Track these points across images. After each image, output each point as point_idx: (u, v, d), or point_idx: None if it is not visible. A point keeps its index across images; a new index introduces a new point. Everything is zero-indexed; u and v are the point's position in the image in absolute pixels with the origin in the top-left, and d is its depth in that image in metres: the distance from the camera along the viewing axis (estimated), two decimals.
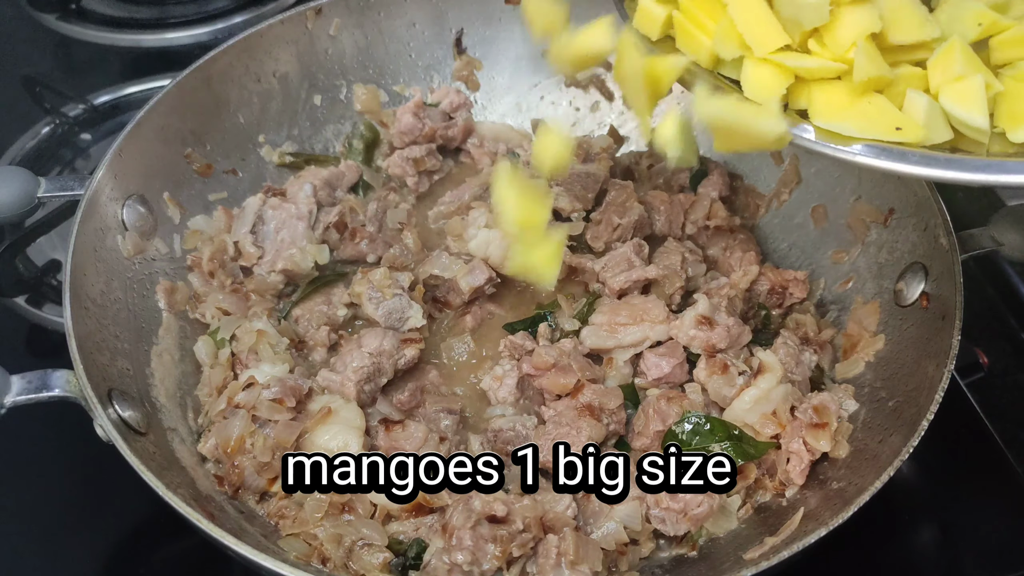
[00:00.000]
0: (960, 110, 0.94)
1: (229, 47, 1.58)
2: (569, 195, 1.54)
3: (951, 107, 0.95)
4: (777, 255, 1.65)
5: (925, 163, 0.94)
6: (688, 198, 1.64)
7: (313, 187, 1.57)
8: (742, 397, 1.30)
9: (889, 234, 1.46)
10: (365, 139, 1.75)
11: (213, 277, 1.49)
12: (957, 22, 0.99)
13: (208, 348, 1.42)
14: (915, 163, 0.94)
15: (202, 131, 1.58)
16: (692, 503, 1.21)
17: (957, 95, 0.94)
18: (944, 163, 0.94)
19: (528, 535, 1.14)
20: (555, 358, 1.31)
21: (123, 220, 1.42)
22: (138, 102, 1.90)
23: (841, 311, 1.51)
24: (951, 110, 0.95)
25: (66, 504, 1.40)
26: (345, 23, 1.70)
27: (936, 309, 1.30)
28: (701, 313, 1.35)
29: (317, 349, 1.45)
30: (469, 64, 1.82)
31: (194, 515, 1.07)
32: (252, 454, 1.25)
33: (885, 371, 1.35)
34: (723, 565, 1.18)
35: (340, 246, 1.56)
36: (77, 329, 1.23)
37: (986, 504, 1.39)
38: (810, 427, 1.27)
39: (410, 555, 1.21)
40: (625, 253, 1.44)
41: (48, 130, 1.93)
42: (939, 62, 0.96)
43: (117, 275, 1.39)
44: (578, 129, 1.84)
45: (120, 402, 1.22)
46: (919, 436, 1.14)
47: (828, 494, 1.23)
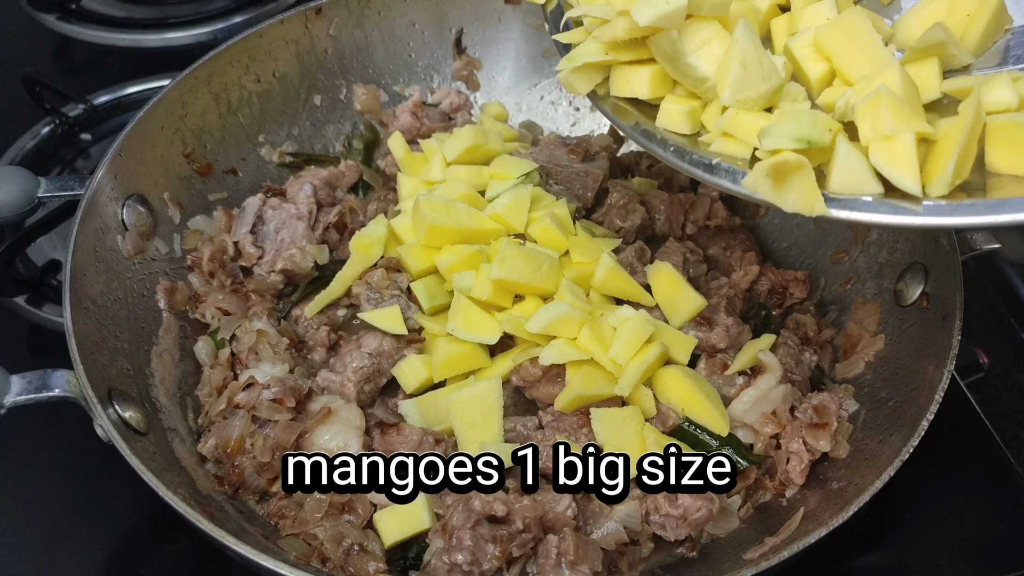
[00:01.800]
0: (891, 171, 0.90)
1: (229, 47, 1.58)
2: (569, 194, 1.54)
3: (881, 167, 0.90)
4: (777, 255, 1.65)
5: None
6: (688, 198, 1.64)
7: (313, 187, 1.57)
8: (742, 397, 1.30)
9: (889, 234, 1.46)
10: (365, 139, 1.75)
11: (213, 277, 1.49)
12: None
13: (208, 348, 1.42)
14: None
15: (202, 131, 1.58)
16: (691, 508, 1.20)
17: (887, 155, 0.90)
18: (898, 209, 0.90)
19: (528, 535, 1.14)
20: (544, 368, 1.31)
21: (123, 220, 1.42)
22: (138, 102, 1.91)
23: (841, 311, 1.51)
24: (881, 170, 0.91)
25: (66, 504, 1.40)
26: (345, 23, 1.70)
27: (936, 309, 1.30)
28: None
29: (317, 349, 1.45)
30: (469, 64, 1.82)
31: (194, 515, 1.07)
32: (252, 454, 1.25)
33: (885, 371, 1.35)
34: (723, 565, 1.18)
35: (340, 246, 1.56)
36: (77, 329, 1.23)
37: (986, 504, 1.39)
38: (810, 427, 1.27)
39: (410, 555, 1.21)
40: (627, 258, 1.44)
41: (48, 130, 1.93)
42: (867, 114, 0.91)
43: (117, 275, 1.39)
44: (578, 129, 1.85)
45: (120, 402, 1.22)
46: (919, 436, 1.14)
47: (828, 494, 1.23)
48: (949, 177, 0.87)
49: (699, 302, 1.37)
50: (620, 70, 1.10)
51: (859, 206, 0.91)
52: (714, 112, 1.03)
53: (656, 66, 1.07)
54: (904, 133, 0.89)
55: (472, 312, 1.35)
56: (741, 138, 0.99)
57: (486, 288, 1.33)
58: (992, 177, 0.91)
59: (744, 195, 0.97)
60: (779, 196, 0.93)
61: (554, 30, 1.20)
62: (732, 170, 0.98)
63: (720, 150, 1.01)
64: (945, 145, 0.89)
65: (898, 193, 0.90)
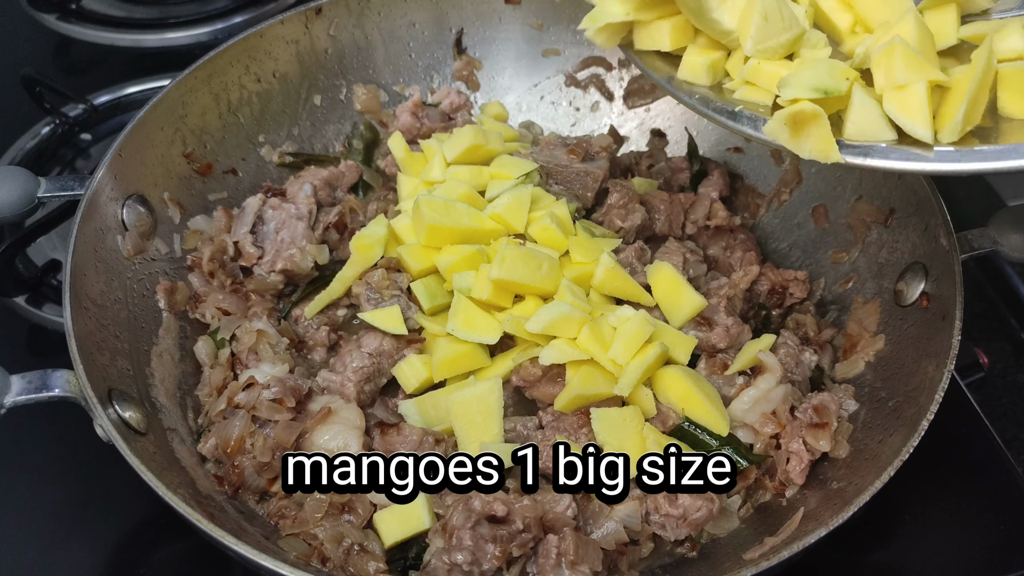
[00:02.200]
0: (903, 119, 0.94)
1: (229, 47, 1.58)
2: (569, 194, 1.54)
3: (894, 115, 0.94)
4: (777, 255, 1.65)
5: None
6: (688, 198, 1.64)
7: (313, 187, 1.57)
8: (742, 397, 1.30)
9: (889, 234, 1.46)
10: (365, 139, 1.75)
11: (213, 277, 1.49)
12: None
13: (208, 348, 1.42)
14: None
15: (202, 131, 1.58)
16: (691, 508, 1.20)
17: (900, 103, 0.94)
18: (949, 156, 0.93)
19: (528, 535, 1.14)
20: (544, 368, 1.31)
21: (123, 220, 1.42)
22: (138, 102, 1.91)
23: (841, 311, 1.51)
24: (894, 118, 0.94)
25: (66, 504, 1.40)
26: (345, 23, 1.70)
27: (936, 309, 1.30)
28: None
29: (317, 349, 1.45)
30: (469, 64, 1.82)
31: (194, 515, 1.07)
32: (252, 454, 1.25)
33: (885, 371, 1.35)
34: (723, 565, 1.18)
35: (340, 246, 1.56)
36: (77, 329, 1.22)
37: (986, 504, 1.39)
38: (810, 427, 1.27)
39: (410, 555, 1.21)
40: (627, 258, 1.44)
41: (48, 130, 1.92)
42: (881, 64, 0.95)
43: (117, 275, 1.39)
44: (578, 129, 1.85)
45: (120, 402, 1.22)
46: (919, 436, 1.14)
47: (828, 494, 1.23)
48: (959, 125, 0.90)
49: (699, 302, 1.37)
50: (642, 25, 1.13)
51: (873, 153, 0.95)
52: (737, 61, 1.07)
53: (675, 19, 1.10)
54: (916, 83, 0.92)
55: (472, 312, 1.35)
56: (763, 86, 1.03)
57: (486, 288, 1.33)
58: (1004, 122, 0.94)
59: (764, 141, 1.01)
60: (796, 143, 0.97)
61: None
62: (754, 117, 1.03)
63: (743, 97, 1.05)
64: (957, 93, 0.92)
65: (911, 140, 0.94)
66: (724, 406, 1.30)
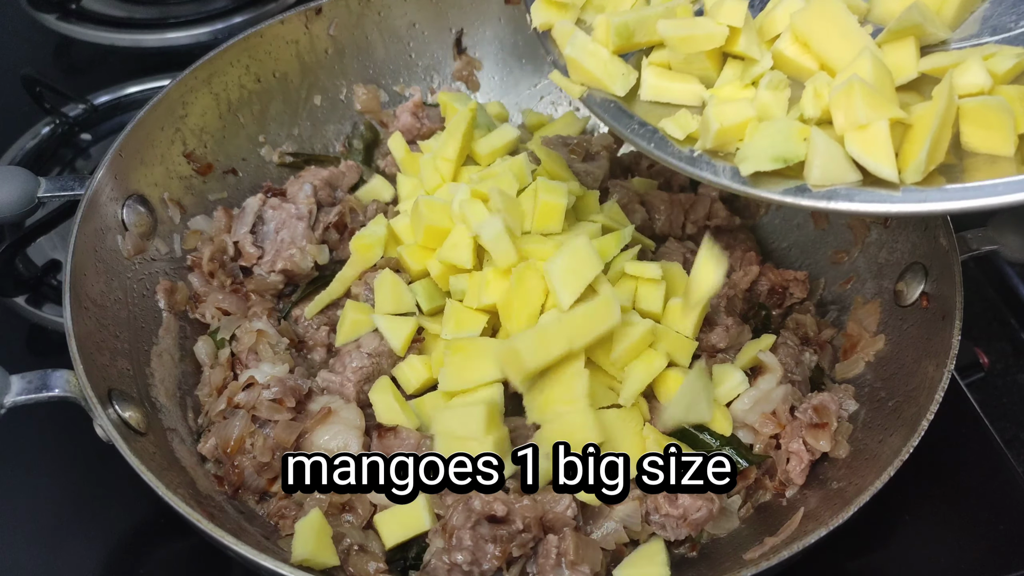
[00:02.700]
0: (867, 159, 0.91)
1: (229, 47, 1.58)
2: None
3: (858, 155, 0.91)
4: (777, 255, 1.65)
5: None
6: (688, 198, 1.63)
7: (313, 187, 1.57)
8: (742, 397, 1.30)
9: (889, 234, 1.46)
10: (365, 139, 1.75)
11: (213, 277, 1.49)
12: None
13: (208, 348, 1.42)
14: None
15: (202, 131, 1.58)
16: (691, 508, 1.20)
17: (862, 143, 0.91)
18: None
19: (528, 535, 1.14)
20: None
21: (123, 220, 1.42)
22: (138, 102, 1.91)
23: (841, 311, 1.51)
24: (858, 158, 0.91)
25: (66, 504, 1.40)
26: (345, 23, 1.70)
27: (936, 309, 1.30)
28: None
29: (317, 349, 1.45)
30: (469, 64, 1.82)
31: (194, 515, 1.07)
32: (252, 454, 1.25)
33: (885, 371, 1.35)
34: (723, 565, 1.18)
35: (340, 246, 1.56)
36: (77, 329, 1.23)
37: (986, 504, 1.39)
38: (810, 427, 1.27)
39: (410, 555, 1.21)
40: None
41: (48, 130, 1.93)
42: (840, 104, 0.92)
43: (117, 275, 1.39)
44: None
45: (120, 402, 1.22)
46: (919, 436, 1.14)
47: (828, 494, 1.23)
48: (923, 164, 0.88)
49: (719, 275, 1.34)
50: None
51: (838, 196, 0.93)
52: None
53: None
54: (877, 121, 0.90)
55: (465, 316, 1.34)
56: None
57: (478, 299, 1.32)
58: (969, 157, 0.92)
59: (729, 189, 0.99)
60: (760, 192, 0.96)
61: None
62: (713, 164, 1.01)
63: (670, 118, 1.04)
64: (919, 130, 0.90)
65: (877, 180, 0.91)
66: (724, 406, 1.30)
